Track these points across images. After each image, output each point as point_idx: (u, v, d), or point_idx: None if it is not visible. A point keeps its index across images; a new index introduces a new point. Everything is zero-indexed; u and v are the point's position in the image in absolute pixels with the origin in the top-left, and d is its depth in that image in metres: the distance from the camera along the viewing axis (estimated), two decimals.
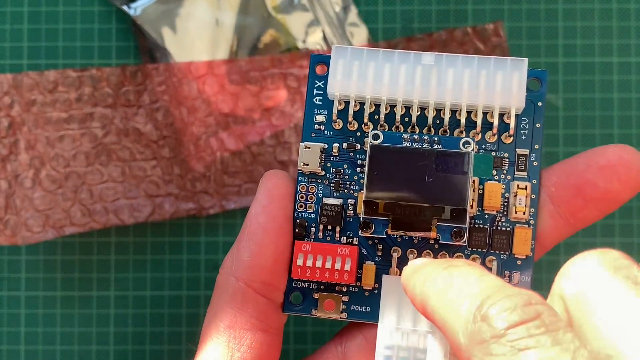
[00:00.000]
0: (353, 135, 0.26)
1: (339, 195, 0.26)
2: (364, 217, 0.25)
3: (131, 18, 0.35)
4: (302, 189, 0.26)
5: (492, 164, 0.25)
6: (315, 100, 0.26)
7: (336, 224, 0.25)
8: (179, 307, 0.36)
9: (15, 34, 0.37)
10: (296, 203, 0.26)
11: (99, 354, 0.36)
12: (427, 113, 0.25)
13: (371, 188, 0.24)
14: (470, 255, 0.25)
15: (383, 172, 0.24)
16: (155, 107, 0.35)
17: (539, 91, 0.26)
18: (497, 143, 0.26)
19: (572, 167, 0.25)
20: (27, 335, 0.36)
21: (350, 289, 0.26)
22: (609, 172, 0.25)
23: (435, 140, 0.25)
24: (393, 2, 0.37)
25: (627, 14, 0.36)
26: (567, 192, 0.25)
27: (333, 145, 0.26)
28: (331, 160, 0.26)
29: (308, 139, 0.26)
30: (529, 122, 0.26)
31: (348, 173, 0.26)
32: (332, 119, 0.26)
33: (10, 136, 0.34)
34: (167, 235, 0.36)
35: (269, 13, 0.36)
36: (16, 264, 0.36)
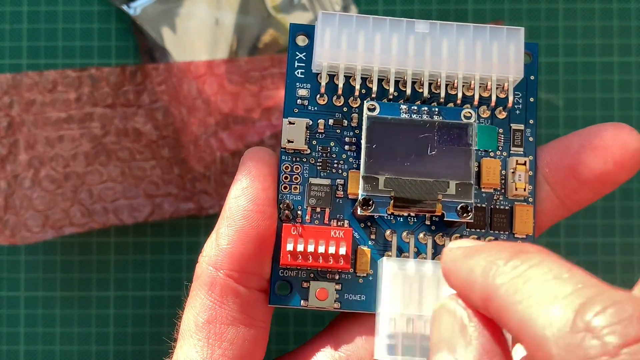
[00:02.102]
0: (339, 110, 0.24)
1: (326, 175, 0.24)
2: (363, 194, 0.23)
3: (131, 18, 0.35)
4: (286, 168, 0.24)
5: (497, 136, 0.24)
6: (297, 73, 0.24)
7: (325, 205, 0.23)
8: (178, 308, 0.36)
9: (14, 34, 0.37)
10: (280, 184, 0.24)
11: (99, 354, 0.36)
12: (420, 85, 0.24)
13: (370, 163, 0.23)
14: (469, 235, 0.24)
15: (382, 145, 0.23)
16: (154, 107, 0.35)
17: (531, 64, 0.25)
18: (490, 118, 0.25)
19: (566, 147, 0.24)
20: (26, 336, 0.36)
21: (343, 276, 0.24)
22: (603, 152, 0.23)
23: (435, 112, 0.23)
24: (393, 2, 0.36)
25: (628, 14, 0.36)
26: (561, 172, 0.24)
27: (318, 121, 0.24)
28: (316, 138, 0.24)
29: (290, 114, 0.24)
30: (522, 96, 0.25)
31: (335, 151, 0.24)
32: (320, 92, 0.24)
33: (9, 136, 0.34)
34: (166, 235, 0.36)
35: (269, 13, 0.36)
36: (15, 264, 0.36)
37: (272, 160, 0.24)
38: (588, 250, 0.36)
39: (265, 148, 0.24)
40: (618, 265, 0.35)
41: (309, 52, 0.24)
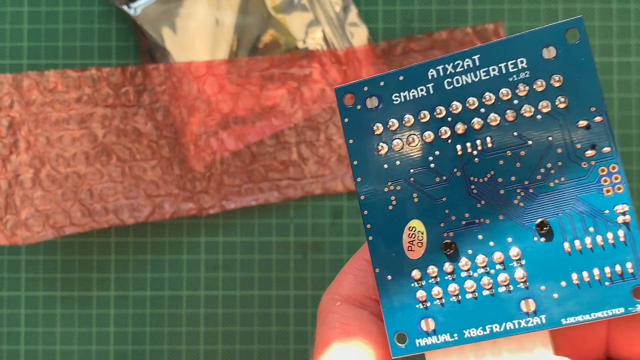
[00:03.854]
0: None
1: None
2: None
3: (131, 18, 0.35)
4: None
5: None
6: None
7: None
8: (179, 307, 0.36)
9: (15, 34, 0.37)
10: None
11: (99, 354, 0.36)
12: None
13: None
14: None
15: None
16: (155, 107, 0.35)
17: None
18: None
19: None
20: (27, 335, 0.36)
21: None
22: None
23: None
24: (393, 2, 0.37)
25: (627, 14, 0.36)
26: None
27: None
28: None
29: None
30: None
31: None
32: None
33: (10, 136, 0.34)
34: (167, 235, 0.36)
35: (269, 13, 0.36)
36: (16, 264, 0.36)
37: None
38: None
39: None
40: None
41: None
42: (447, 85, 0.22)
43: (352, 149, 0.22)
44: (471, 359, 0.22)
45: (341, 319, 0.22)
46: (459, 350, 0.22)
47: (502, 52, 0.22)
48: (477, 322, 0.21)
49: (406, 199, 0.22)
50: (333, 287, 0.23)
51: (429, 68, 0.22)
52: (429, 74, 0.22)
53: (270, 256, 0.36)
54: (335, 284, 0.23)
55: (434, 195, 0.22)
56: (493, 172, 0.21)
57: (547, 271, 0.21)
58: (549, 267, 0.21)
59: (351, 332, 0.22)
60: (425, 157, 0.22)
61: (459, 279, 0.21)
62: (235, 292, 0.36)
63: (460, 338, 0.21)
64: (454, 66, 0.22)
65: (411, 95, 0.22)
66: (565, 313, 0.21)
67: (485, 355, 0.22)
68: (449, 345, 0.21)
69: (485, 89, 0.22)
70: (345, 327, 0.22)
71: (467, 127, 0.22)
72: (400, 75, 0.22)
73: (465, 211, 0.22)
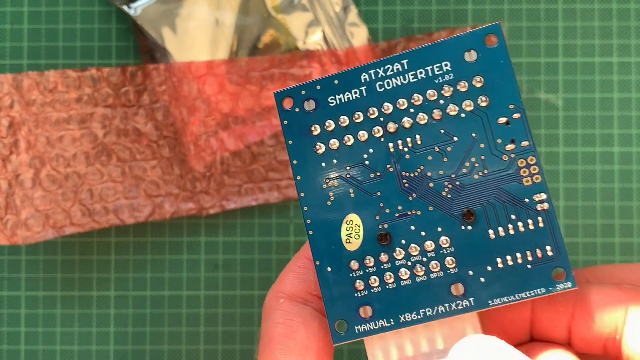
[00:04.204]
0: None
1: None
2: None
3: (131, 18, 0.35)
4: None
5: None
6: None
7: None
8: (179, 307, 0.36)
9: (15, 34, 0.37)
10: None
11: (99, 354, 0.36)
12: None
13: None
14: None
15: None
16: (155, 107, 0.35)
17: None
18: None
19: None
20: (27, 335, 0.36)
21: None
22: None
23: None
24: (393, 2, 0.37)
25: (627, 14, 0.36)
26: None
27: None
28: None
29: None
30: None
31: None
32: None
33: (10, 136, 0.34)
34: (167, 235, 0.36)
35: (269, 13, 0.36)
36: (16, 264, 0.36)
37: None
38: (588, 250, 0.36)
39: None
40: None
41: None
42: (378, 88, 0.23)
43: (291, 149, 0.24)
44: (407, 342, 0.23)
45: (284, 315, 0.24)
46: (396, 335, 0.23)
47: (428, 57, 0.23)
48: (411, 307, 0.23)
49: (343, 194, 0.23)
50: (276, 285, 0.25)
51: (362, 72, 0.24)
52: (361, 78, 0.24)
53: (270, 256, 0.36)
54: (278, 283, 0.25)
55: (369, 190, 0.23)
56: (423, 167, 0.23)
57: (474, 257, 0.22)
58: (475, 253, 0.23)
59: (294, 327, 0.23)
60: (360, 155, 0.23)
61: (393, 268, 0.23)
62: (235, 292, 0.36)
63: (396, 323, 0.23)
64: (384, 70, 0.23)
65: (346, 98, 0.24)
66: (492, 295, 0.22)
67: (420, 338, 0.23)
68: (386, 330, 0.23)
69: (413, 91, 0.23)
70: (289, 322, 0.23)
71: (398, 126, 0.23)
72: (335, 80, 0.24)
73: (398, 204, 0.23)
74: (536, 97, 0.36)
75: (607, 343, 0.23)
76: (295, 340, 0.23)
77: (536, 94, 0.36)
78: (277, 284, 0.25)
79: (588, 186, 0.36)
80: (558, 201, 0.36)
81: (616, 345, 0.22)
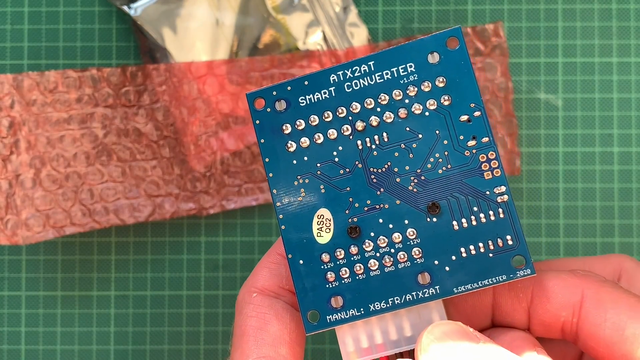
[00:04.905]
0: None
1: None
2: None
3: (131, 18, 0.35)
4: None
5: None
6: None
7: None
8: (179, 307, 0.36)
9: (15, 34, 0.37)
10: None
11: (99, 354, 0.36)
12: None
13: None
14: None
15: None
16: (155, 107, 0.35)
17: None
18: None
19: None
20: (27, 335, 0.36)
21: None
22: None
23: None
24: (393, 2, 0.37)
25: (627, 14, 0.36)
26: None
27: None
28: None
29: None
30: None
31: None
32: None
33: (10, 136, 0.34)
34: (167, 235, 0.36)
35: (269, 13, 0.36)
36: (17, 264, 0.36)
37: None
38: (587, 250, 0.36)
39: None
40: None
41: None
42: (347, 88, 0.25)
43: (263, 148, 0.25)
44: (376, 330, 0.24)
45: (257, 308, 0.25)
46: (366, 324, 0.24)
47: (393, 58, 0.24)
48: (380, 296, 0.24)
49: (314, 190, 0.24)
50: (249, 281, 0.25)
51: (331, 73, 0.25)
52: (330, 79, 0.25)
53: None
54: (251, 278, 0.25)
55: (339, 186, 0.24)
56: (390, 163, 0.24)
57: (440, 247, 0.24)
58: (441, 243, 0.24)
59: (267, 320, 0.24)
60: (330, 152, 0.24)
61: (363, 259, 0.24)
62: (235, 291, 0.36)
63: (366, 312, 0.24)
64: (352, 71, 0.25)
65: (315, 98, 0.25)
66: (457, 283, 0.23)
67: (388, 326, 0.24)
68: (356, 319, 0.24)
69: (380, 91, 0.24)
70: (261, 315, 0.24)
71: (366, 124, 0.24)
72: (306, 81, 0.25)
73: (367, 198, 0.24)
74: (536, 97, 0.36)
75: (565, 326, 0.24)
76: (268, 332, 0.24)
77: (536, 94, 0.36)
78: (250, 279, 0.25)
79: (588, 186, 0.36)
80: (558, 201, 0.36)
81: (573, 328, 0.23)
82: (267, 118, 0.25)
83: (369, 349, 0.24)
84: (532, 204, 0.36)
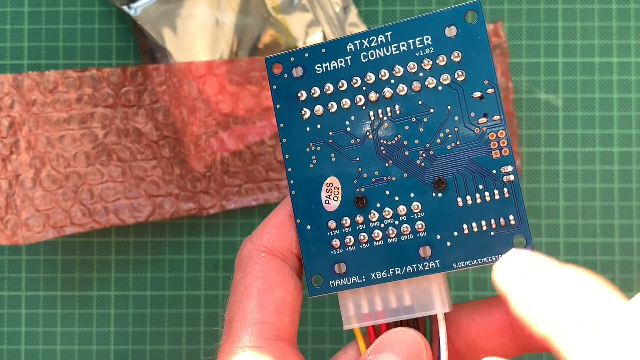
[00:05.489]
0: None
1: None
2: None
3: (131, 18, 0.35)
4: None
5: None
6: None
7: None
8: (179, 307, 0.36)
9: (15, 34, 0.37)
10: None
11: (99, 354, 0.36)
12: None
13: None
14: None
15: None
16: (155, 107, 0.35)
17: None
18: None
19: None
20: (27, 335, 0.36)
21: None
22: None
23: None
24: (393, 2, 0.37)
25: (627, 14, 0.36)
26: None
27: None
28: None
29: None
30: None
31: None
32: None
33: (10, 136, 0.34)
34: (167, 235, 0.36)
35: (269, 13, 0.36)
36: (17, 264, 0.36)
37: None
38: (587, 250, 0.36)
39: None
40: (617, 265, 0.35)
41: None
42: (363, 58, 0.25)
43: (279, 113, 0.25)
44: (377, 298, 0.25)
45: (264, 269, 0.24)
46: (367, 291, 0.25)
47: (410, 30, 0.24)
48: (382, 265, 0.24)
49: (325, 158, 0.25)
50: (256, 238, 0.25)
51: (348, 42, 0.25)
52: (347, 48, 0.25)
53: None
54: (259, 235, 0.25)
55: (349, 155, 0.25)
56: (400, 135, 0.24)
57: (443, 222, 0.24)
58: (444, 219, 0.24)
59: (273, 284, 0.24)
60: (342, 122, 0.25)
61: (368, 229, 0.24)
62: None
63: (367, 280, 0.24)
64: (369, 41, 0.25)
65: (332, 66, 0.25)
66: (457, 258, 0.24)
67: (389, 295, 0.25)
68: (358, 286, 0.24)
69: (395, 62, 0.24)
70: (268, 278, 0.24)
71: (379, 95, 0.24)
72: (323, 48, 0.25)
73: (375, 169, 0.24)
74: (536, 97, 0.36)
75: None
76: (273, 297, 0.24)
77: (536, 94, 0.36)
78: (258, 236, 0.25)
79: (588, 186, 0.36)
80: (558, 201, 0.36)
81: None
82: (283, 84, 0.25)
83: (369, 314, 0.25)
84: (532, 204, 0.36)
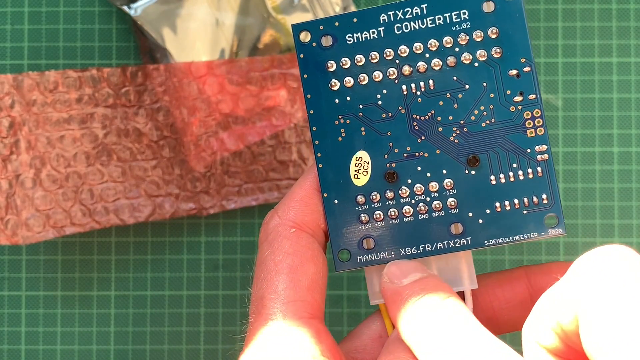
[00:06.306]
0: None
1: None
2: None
3: (131, 18, 0.35)
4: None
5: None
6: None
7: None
8: (179, 307, 0.36)
9: (15, 34, 0.37)
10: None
11: (99, 354, 0.36)
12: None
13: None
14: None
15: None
16: (155, 107, 0.35)
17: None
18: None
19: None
20: (27, 335, 0.36)
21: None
22: None
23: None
24: None
25: (627, 15, 0.36)
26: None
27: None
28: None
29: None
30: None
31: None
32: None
33: (11, 136, 0.34)
34: (167, 235, 0.36)
35: (269, 13, 0.36)
36: (17, 264, 0.36)
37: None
38: (587, 250, 0.36)
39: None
40: None
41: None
42: (396, 30, 0.24)
43: (306, 83, 0.24)
44: None
45: (295, 245, 0.23)
46: None
47: (447, 3, 0.24)
48: (412, 242, 0.24)
49: (354, 131, 0.24)
50: (284, 212, 0.24)
51: (381, 12, 0.24)
52: (380, 19, 0.24)
53: None
54: (286, 209, 0.24)
55: (380, 130, 0.24)
56: (433, 111, 0.24)
57: (475, 200, 0.24)
58: (476, 196, 0.24)
59: (304, 261, 0.23)
60: (373, 95, 0.24)
61: (398, 205, 0.24)
62: (235, 291, 0.36)
63: (396, 255, 0.24)
64: (403, 13, 0.24)
65: (363, 37, 0.24)
66: (488, 236, 0.24)
67: None
68: (387, 261, 0.24)
69: (430, 36, 0.24)
70: (300, 254, 0.23)
71: (413, 69, 0.24)
72: (355, 17, 0.24)
73: (407, 145, 0.24)
74: None
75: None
76: (306, 274, 0.23)
77: None
78: (285, 210, 0.24)
79: (587, 186, 0.36)
80: None
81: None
82: (311, 53, 0.24)
83: None
84: None
